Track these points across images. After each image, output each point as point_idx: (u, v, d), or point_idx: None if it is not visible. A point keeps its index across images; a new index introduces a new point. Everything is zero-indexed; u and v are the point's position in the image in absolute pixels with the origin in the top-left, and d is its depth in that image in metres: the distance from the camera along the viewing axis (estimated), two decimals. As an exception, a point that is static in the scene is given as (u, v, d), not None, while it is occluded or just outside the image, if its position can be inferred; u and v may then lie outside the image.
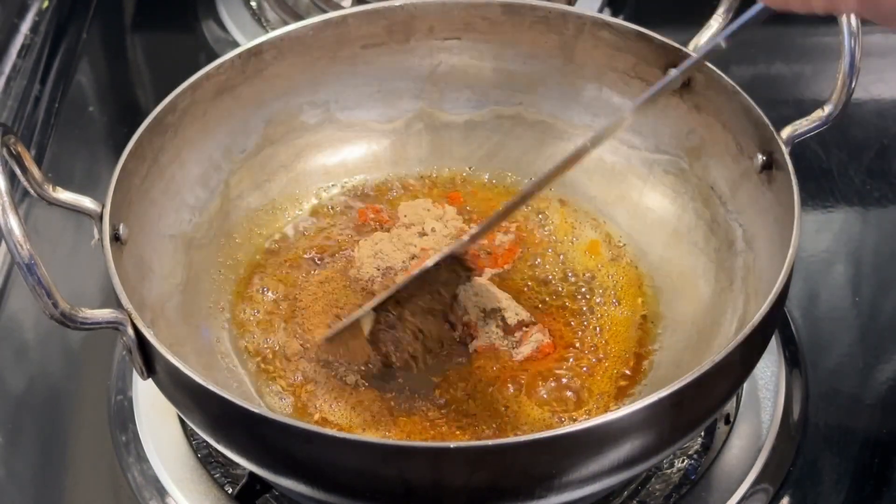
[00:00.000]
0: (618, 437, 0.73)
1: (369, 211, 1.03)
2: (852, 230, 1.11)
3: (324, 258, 1.00)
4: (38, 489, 0.93)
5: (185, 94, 0.95)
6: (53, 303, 0.75)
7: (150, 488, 0.90)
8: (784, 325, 0.99)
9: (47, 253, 0.76)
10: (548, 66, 1.04)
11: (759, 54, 1.26)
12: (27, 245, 0.73)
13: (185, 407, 0.80)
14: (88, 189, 0.87)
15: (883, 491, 0.89)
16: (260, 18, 1.34)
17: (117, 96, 1.32)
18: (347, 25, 1.02)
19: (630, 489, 0.89)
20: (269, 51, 1.00)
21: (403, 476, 0.73)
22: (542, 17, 1.02)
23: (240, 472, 0.90)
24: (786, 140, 0.87)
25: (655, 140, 1.01)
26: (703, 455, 0.90)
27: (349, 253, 0.99)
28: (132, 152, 0.89)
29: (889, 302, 1.04)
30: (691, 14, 1.03)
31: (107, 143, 1.24)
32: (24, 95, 1.25)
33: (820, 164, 1.14)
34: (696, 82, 0.96)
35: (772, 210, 0.88)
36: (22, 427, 0.97)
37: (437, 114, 1.07)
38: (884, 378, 0.97)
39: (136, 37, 1.39)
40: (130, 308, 0.78)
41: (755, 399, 0.93)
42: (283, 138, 1.04)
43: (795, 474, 0.90)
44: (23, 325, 1.05)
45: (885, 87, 1.22)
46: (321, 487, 0.76)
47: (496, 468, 0.72)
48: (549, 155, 1.05)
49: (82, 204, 0.85)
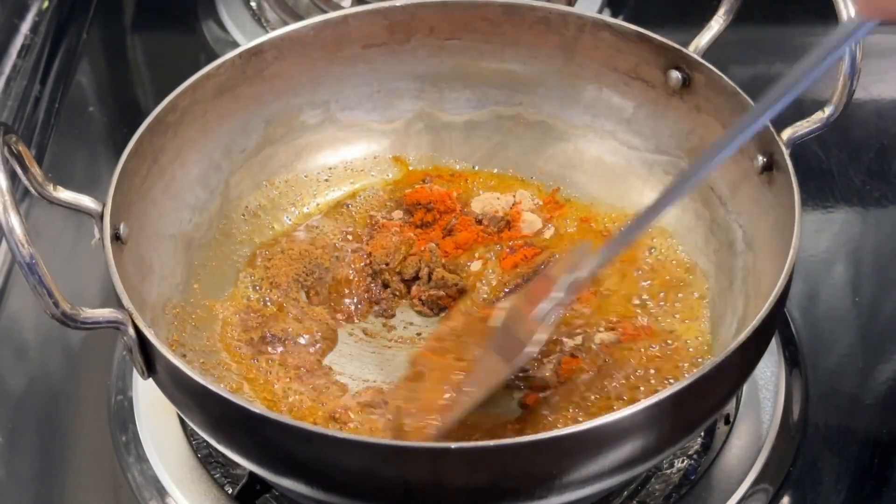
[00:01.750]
0: (618, 438, 0.73)
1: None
2: (852, 230, 1.11)
3: (324, 258, 1.00)
4: (38, 489, 0.93)
5: (186, 94, 0.95)
6: (54, 302, 0.75)
7: (150, 488, 0.90)
8: (784, 326, 0.99)
9: (47, 252, 0.75)
10: (548, 66, 1.04)
11: (759, 54, 1.26)
12: (28, 244, 0.73)
13: (185, 407, 0.80)
14: (88, 189, 0.87)
15: (883, 491, 0.89)
16: (260, 18, 1.34)
17: (117, 96, 1.32)
18: (347, 25, 1.02)
19: (630, 489, 0.89)
20: (269, 51, 1.00)
21: (403, 476, 0.73)
22: (543, 17, 1.02)
23: (240, 472, 0.90)
24: (786, 142, 0.87)
25: (655, 141, 1.01)
26: (703, 455, 0.90)
27: (349, 253, 1.00)
28: (132, 152, 0.89)
29: (889, 302, 1.04)
30: (691, 14, 1.03)
31: (107, 143, 1.24)
32: (24, 95, 1.25)
33: (820, 165, 1.14)
34: (696, 83, 0.96)
35: (772, 211, 0.88)
36: (22, 427, 0.97)
37: (437, 114, 1.07)
38: (884, 378, 0.97)
39: (136, 37, 1.39)
40: (131, 308, 0.78)
41: (755, 399, 0.93)
42: (283, 138, 1.04)
43: (795, 474, 0.90)
44: (23, 325, 1.05)
45: (885, 87, 1.22)
46: (321, 487, 0.76)
47: (496, 469, 0.72)
48: (550, 155, 1.05)
49: (83, 203, 0.85)
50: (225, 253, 0.99)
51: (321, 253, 1.00)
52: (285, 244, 1.00)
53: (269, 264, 0.99)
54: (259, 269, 0.99)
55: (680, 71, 0.96)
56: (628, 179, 1.02)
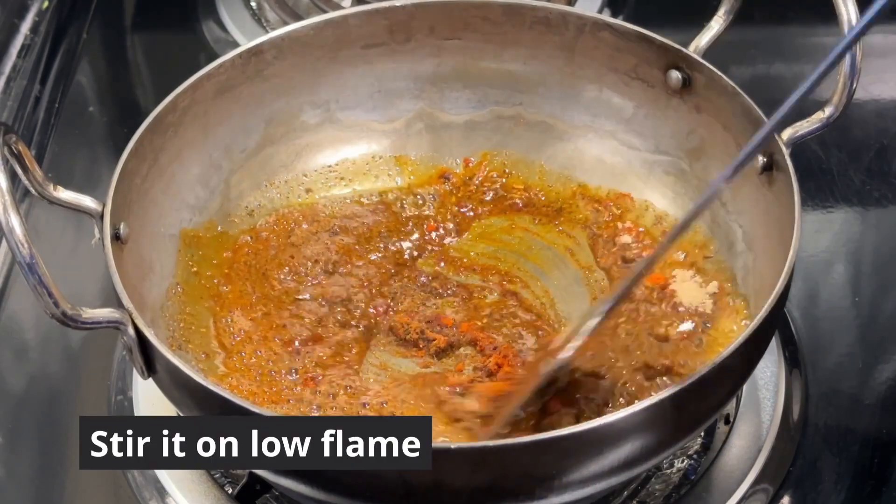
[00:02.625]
0: (618, 438, 0.73)
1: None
2: (852, 230, 1.11)
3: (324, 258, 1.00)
4: (38, 489, 0.93)
5: (186, 94, 0.95)
6: (54, 302, 0.75)
7: (150, 488, 0.90)
8: (784, 326, 0.99)
9: (47, 253, 0.75)
10: (548, 66, 1.04)
11: (759, 55, 1.26)
12: (28, 244, 0.73)
13: (185, 407, 0.80)
14: (89, 189, 0.87)
15: (883, 491, 0.89)
16: (260, 18, 1.34)
17: (117, 96, 1.32)
18: (347, 25, 1.02)
19: (630, 489, 0.89)
20: (270, 51, 1.00)
21: (403, 476, 0.73)
22: (543, 17, 1.02)
23: (240, 472, 0.90)
24: (786, 142, 0.87)
25: (655, 141, 1.01)
26: (703, 455, 0.91)
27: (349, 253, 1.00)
28: (132, 152, 0.89)
29: (889, 302, 1.04)
30: (691, 14, 1.03)
31: (107, 143, 1.24)
32: (24, 95, 1.25)
33: (820, 165, 1.14)
34: (697, 83, 0.96)
35: (772, 211, 0.88)
36: (22, 427, 0.97)
37: (437, 114, 1.07)
38: (884, 378, 0.97)
39: (136, 37, 1.39)
40: (131, 308, 0.78)
41: (755, 399, 0.93)
42: (283, 138, 1.04)
43: (795, 474, 0.90)
44: (23, 325, 1.05)
45: (885, 87, 1.22)
46: (321, 487, 0.76)
47: (496, 469, 0.72)
48: (550, 155, 1.05)
49: (83, 203, 0.85)
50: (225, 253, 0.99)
51: (321, 253, 1.00)
52: (285, 244, 1.00)
53: (268, 265, 0.99)
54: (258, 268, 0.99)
55: (680, 71, 0.96)
56: (628, 179, 1.02)
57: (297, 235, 1.01)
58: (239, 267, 0.98)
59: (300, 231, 1.01)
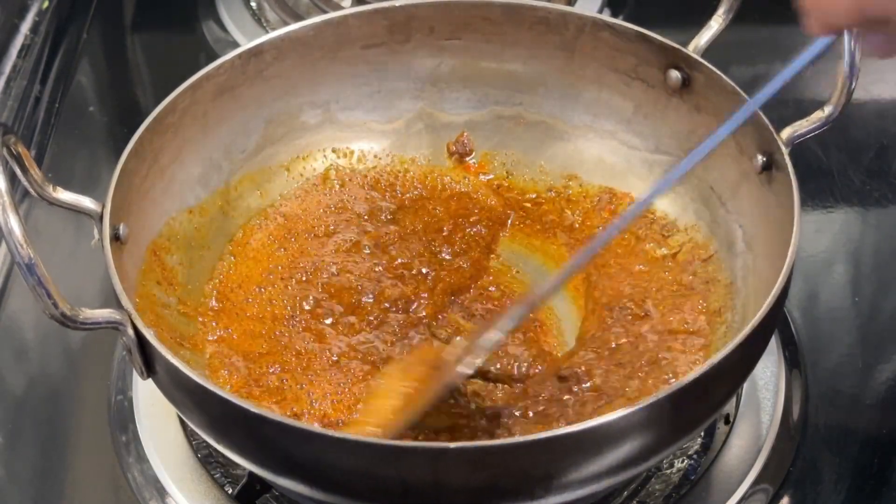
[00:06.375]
0: (617, 438, 0.73)
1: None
2: (852, 230, 1.11)
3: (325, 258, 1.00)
4: (38, 489, 0.93)
5: (185, 94, 0.95)
6: (53, 303, 0.75)
7: (150, 488, 0.90)
8: (784, 326, 0.99)
9: (47, 253, 0.75)
10: (548, 66, 1.04)
11: (759, 54, 1.26)
12: (27, 245, 0.73)
13: (185, 407, 0.80)
14: (88, 189, 0.87)
15: (883, 491, 0.89)
16: (260, 18, 1.34)
17: (117, 96, 1.32)
18: (347, 25, 1.02)
19: (630, 489, 0.89)
20: (270, 51, 1.00)
21: (402, 476, 0.73)
22: (543, 17, 1.02)
23: (240, 472, 0.90)
24: (786, 141, 0.87)
25: (655, 141, 1.01)
26: (703, 455, 0.91)
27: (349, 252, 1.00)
28: (132, 152, 0.89)
29: (889, 302, 1.04)
30: (691, 14, 1.03)
31: (107, 143, 1.24)
32: (24, 95, 1.25)
33: (820, 165, 1.14)
34: (696, 83, 0.96)
35: (772, 211, 0.88)
36: (22, 427, 0.97)
37: (437, 114, 1.07)
38: (884, 378, 0.97)
39: (136, 37, 1.39)
40: (130, 308, 0.78)
41: (755, 399, 0.93)
42: (283, 138, 1.04)
43: (795, 474, 0.90)
44: (23, 325, 1.05)
45: (885, 87, 1.22)
46: (321, 487, 0.76)
47: (495, 468, 0.72)
48: (550, 155, 1.05)
49: (82, 204, 0.85)
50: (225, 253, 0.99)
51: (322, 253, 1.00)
52: (285, 244, 1.00)
53: (268, 265, 0.99)
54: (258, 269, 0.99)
55: (680, 71, 0.96)
56: (628, 179, 1.02)
57: (298, 236, 1.01)
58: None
59: (300, 231, 1.01)
